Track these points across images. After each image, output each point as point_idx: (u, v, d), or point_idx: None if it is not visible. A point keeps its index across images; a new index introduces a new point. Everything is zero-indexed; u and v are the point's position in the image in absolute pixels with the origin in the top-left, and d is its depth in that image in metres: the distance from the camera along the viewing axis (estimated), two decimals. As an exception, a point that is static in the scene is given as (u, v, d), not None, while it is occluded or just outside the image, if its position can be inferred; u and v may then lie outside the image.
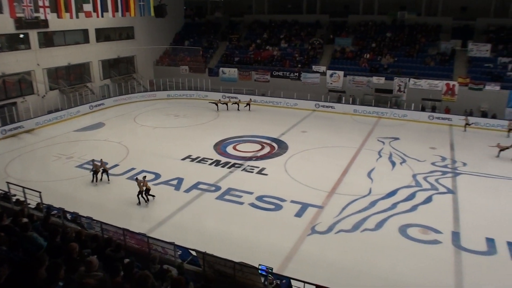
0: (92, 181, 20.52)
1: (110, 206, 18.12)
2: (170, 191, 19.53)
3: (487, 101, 33.67)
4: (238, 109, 36.59)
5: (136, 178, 18.72)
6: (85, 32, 37.86)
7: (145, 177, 18.64)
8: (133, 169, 22.14)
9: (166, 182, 20.38)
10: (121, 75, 42.01)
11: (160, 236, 11.65)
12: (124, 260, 7.48)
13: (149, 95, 41.02)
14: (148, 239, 10.46)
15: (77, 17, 25.18)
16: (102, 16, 27.12)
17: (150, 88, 42.32)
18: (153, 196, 18.52)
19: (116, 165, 22.72)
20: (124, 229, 10.83)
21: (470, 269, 13.80)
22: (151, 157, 24.31)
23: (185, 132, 29.84)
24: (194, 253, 10.35)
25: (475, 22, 40.17)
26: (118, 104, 38.10)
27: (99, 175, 20.63)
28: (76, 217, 13.46)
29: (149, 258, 8.97)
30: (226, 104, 36.94)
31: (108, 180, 20.72)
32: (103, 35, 40.24)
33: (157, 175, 21.32)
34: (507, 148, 24.85)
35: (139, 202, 18.18)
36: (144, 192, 18.05)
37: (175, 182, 20.50)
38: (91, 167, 20.95)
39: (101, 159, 21.00)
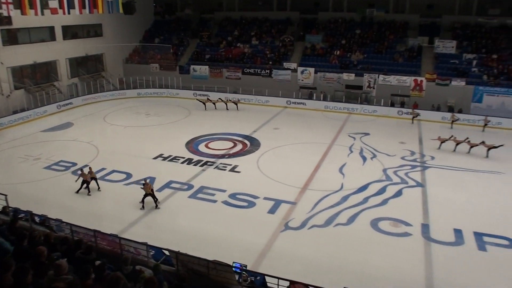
0: (87, 191, 18.92)
1: (80, 208, 17.73)
2: (142, 191, 19.22)
3: (454, 96, 34.65)
4: (226, 109, 36.09)
5: (144, 182, 17.74)
6: (51, 29, 36.81)
7: (148, 180, 18.08)
8: (103, 169, 21.73)
9: (137, 182, 20.05)
10: (90, 74, 41.08)
11: (132, 237, 11.48)
12: (95, 262, 7.35)
13: (119, 93, 40.32)
14: (120, 240, 10.29)
15: (42, 14, 24.55)
16: (69, 13, 26.53)
17: (120, 86, 41.63)
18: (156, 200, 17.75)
19: (85, 166, 22.20)
20: (95, 231, 10.62)
21: (440, 260, 14.17)
22: (122, 156, 23.93)
23: (156, 131, 29.48)
24: (167, 252, 10.25)
25: (441, 20, 41.22)
26: (87, 103, 37.32)
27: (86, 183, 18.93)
28: (44, 220, 13.08)
29: (121, 259, 8.82)
30: (214, 104, 36.35)
31: (98, 188, 19.38)
32: (70, 32, 39.24)
33: (129, 175, 21.01)
34: (447, 140, 26.03)
35: (143, 207, 17.57)
36: (150, 196, 17.45)
37: (147, 181, 20.21)
38: (77, 176, 19.32)
39: (90, 167, 19.81)
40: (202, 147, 25.79)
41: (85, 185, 18.85)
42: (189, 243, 14.47)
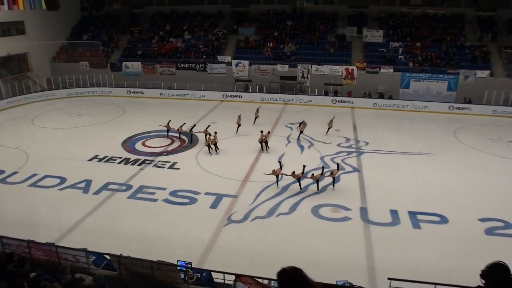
0: None
1: (11, 217, 16.64)
2: (78, 194, 18.47)
3: (383, 83, 36.26)
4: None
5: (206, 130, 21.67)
6: (-35, 28, 34.21)
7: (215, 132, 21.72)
8: (35, 175, 20.54)
9: (72, 186, 19.22)
10: (13, 75, 38.64)
11: (71, 244, 11.00)
12: (30, 275, 6.94)
13: (48, 94, 38.21)
14: (57, 248, 9.82)
15: (-46, 11, 22.63)
16: (-15, 10, 24.69)
17: (48, 87, 39.41)
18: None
19: (15, 173, 20.93)
20: (28, 241, 10.04)
21: (379, 241, 14.81)
22: (54, 160, 22.75)
23: (90, 131, 28.30)
24: (108, 257, 9.92)
25: (368, 10, 42.82)
26: (13, 106, 35.04)
27: None
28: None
29: (59, 268, 8.41)
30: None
31: None
32: (-12, 31, 36.67)
33: (62, 179, 19.99)
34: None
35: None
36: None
37: (82, 185, 19.39)
38: None
39: None
40: (139, 146, 25.12)
41: None
42: (131, 245, 14.08)
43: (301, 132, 26.21)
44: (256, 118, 29.70)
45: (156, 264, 8.72)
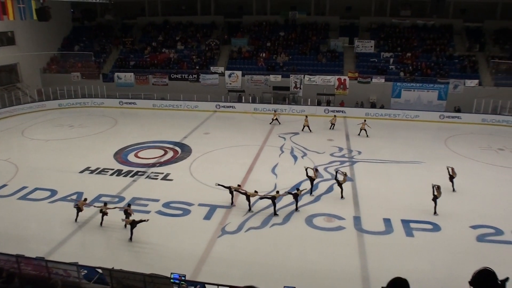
0: None
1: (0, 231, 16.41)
2: (70, 207, 18.22)
3: (375, 93, 36.49)
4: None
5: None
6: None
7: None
8: (24, 187, 20.26)
9: (64, 199, 18.99)
10: (3, 86, 38.29)
11: (62, 258, 10.85)
12: (19, 290, 6.81)
13: (38, 105, 37.94)
14: (47, 263, 9.65)
15: None
16: (-25, 21, 24.56)
17: (39, 98, 39.06)
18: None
19: (4, 186, 20.65)
20: (17, 256, 9.87)
21: (372, 249, 14.78)
22: (45, 172, 22.51)
23: (81, 143, 28.08)
24: (100, 270, 9.78)
25: (359, 21, 43.25)
26: (2, 118, 34.70)
27: None
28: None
29: (49, 284, 8.26)
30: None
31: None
32: (-24, 41, 36.42)
33: (53, 192, 19.74)
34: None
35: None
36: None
37: (74, 197, 19.14)
38: None
39: None
40: (131, 157, 24.96)
41: None
42: (123, 258, 13.93)
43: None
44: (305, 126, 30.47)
45: (149, 277, 8.61)
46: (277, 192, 17.97)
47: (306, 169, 19.95)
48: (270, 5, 45.49)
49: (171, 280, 9.11)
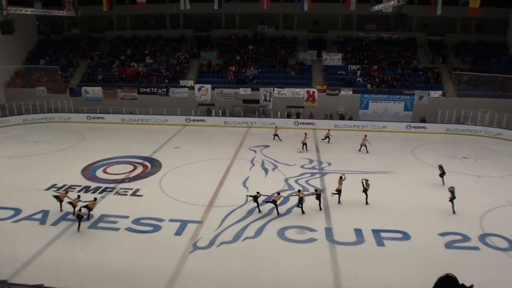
0: None
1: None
2: (35, 226, 17.62)
3: (344, 105, 37.18)
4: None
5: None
6: None
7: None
8: (-14, 207, 19.52)
9: (28, 218, 18.32)
10: (-36, 102, 37.12)
11: (26, 280, 10.48)
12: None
13: (1, 121, 36.75)
14: (10, 286, 9.28)
15: None
16: None
17: (2, 113, 37.94)
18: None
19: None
20: (-21, 278, 9.48)
21: (345, 260, 14.88)
22: (8, 191, 21.70)
23: (47, 159, 27.32)
24: (67, 291, 9.48)
25: (327, 34, 44.16)
26: (-37, 135, 33.57)
27: None
28: None
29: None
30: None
31: None
32: None
33: (17, 211, 18.99)
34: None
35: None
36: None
37: (39, 216, 18.52)
38: None
39: None
40: (100, 173, 24.44)
41: None
42: (92, 278, 13.53)
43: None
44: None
45: (118, 296, 8.40)
46: (299, 191, 19.19)
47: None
48: (239, 19, 45.96)
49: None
